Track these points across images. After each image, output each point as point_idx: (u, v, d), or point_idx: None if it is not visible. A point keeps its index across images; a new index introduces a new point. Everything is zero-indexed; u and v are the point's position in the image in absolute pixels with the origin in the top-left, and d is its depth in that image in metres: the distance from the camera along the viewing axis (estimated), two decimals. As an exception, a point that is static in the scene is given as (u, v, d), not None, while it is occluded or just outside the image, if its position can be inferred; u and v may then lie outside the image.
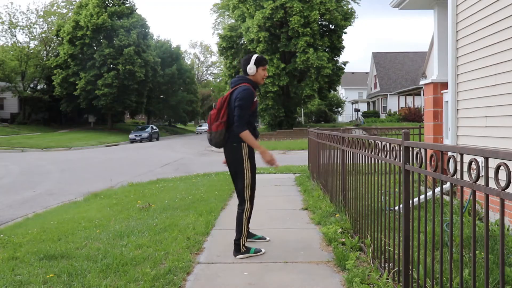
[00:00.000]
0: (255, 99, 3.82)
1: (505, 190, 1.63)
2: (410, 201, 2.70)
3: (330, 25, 31.02)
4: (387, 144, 3.12)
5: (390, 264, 3.07)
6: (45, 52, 45.39)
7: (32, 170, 14.46)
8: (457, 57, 5.61)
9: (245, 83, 3.84)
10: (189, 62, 72.61)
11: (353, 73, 62.86)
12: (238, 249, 3.87)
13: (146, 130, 37.80)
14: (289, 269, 3.55)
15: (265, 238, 4.36)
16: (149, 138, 36.49)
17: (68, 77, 40.46)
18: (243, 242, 3.88)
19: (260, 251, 3.93)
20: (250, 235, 4.23)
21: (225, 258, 3.87)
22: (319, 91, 30.25)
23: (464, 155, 1.98)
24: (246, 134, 3.70)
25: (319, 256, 3.85)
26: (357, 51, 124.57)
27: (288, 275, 3.40)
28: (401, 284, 2.79)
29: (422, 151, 2.53)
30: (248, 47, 29.49)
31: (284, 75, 28.69)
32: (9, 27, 43.65)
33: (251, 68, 3.86)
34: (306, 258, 3.80)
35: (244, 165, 3.80)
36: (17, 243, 4.56)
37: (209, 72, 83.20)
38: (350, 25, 31.00)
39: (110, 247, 4.15)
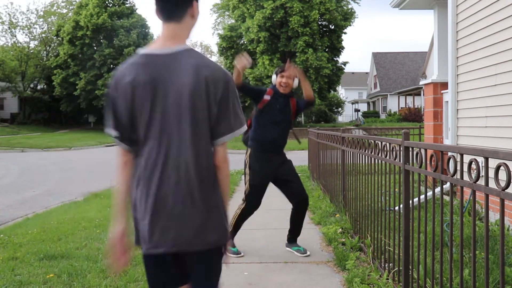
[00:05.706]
0: (264, 98, 4.02)
1: (505, 190, 1.63)
2: (410, 201, 2.71)
3: (330, 25, 31.01)
4: (387, 144, 3.12)
5: (390, 264, 3.08)
6: (45, 52, 45.36)
7: (32, 170, 14.46)
8: (457, 57, 5.60)
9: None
10: (189, 62, 72.48)
11: (353, 73, 62.80)
12: None
13: (146, 130, 37.74)
14: (289, 269, 3.55)
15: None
16: (149, 138, 36.42)
17: (68, 77, 40.39)
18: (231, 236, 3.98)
19: (239, 254, 3.87)
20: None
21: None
22: (318, 91, 30.21)
23: (464, 155, 1.99)
24: None
25: (319, 256, 3.85)
26: (357, 51, 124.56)
27: (288, 275, 3.40)
28: (401, 284, 2.79)
29: (422, 151, 2.53)
30: (248, 47, 29.49)
31: (284, 75, 28.65)
32: (9, 27, 43.64)
33: (273, 79, 4.13)
34: (306, 258, 3.81)
35: (245, 170, 3.99)
36: (17, 243, 4.55)
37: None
38: (350, 25, 31.02)
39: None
